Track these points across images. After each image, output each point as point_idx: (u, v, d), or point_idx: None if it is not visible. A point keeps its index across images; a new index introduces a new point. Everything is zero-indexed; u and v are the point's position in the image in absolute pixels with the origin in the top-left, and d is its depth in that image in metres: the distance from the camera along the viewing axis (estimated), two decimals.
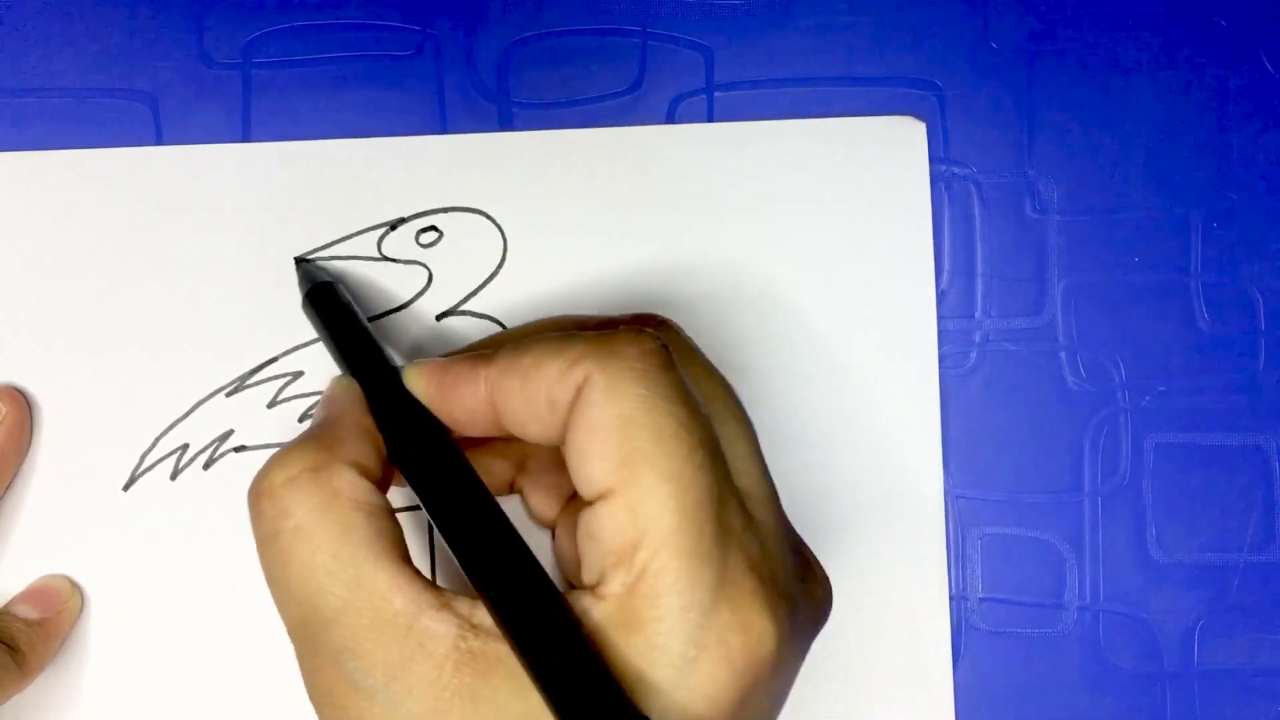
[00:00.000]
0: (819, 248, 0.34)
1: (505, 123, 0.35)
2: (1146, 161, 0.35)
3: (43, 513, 0.34)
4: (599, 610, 0.24)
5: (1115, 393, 0.35)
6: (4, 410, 0.33)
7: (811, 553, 0.28)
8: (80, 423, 0.34)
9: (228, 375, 0.34)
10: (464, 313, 0.34)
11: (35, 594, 0.33)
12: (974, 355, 0.34)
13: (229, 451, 0.34)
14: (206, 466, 0.34)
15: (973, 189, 0.35)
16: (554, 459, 0.30)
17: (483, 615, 0.24)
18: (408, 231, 0.34)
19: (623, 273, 0.34)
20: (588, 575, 0.25)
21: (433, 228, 0.34)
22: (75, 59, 0.35)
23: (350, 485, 0.25)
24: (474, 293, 0.34)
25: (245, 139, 0.34)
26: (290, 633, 0.25)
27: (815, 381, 0.34)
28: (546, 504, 0.31)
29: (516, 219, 0.34)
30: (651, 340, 0.25)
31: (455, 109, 0.35)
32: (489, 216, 0.34)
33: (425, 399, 0.27)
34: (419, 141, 0.34)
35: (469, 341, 0.34)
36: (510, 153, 0.34)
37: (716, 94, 0.35)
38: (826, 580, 0.28)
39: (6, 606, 0.33)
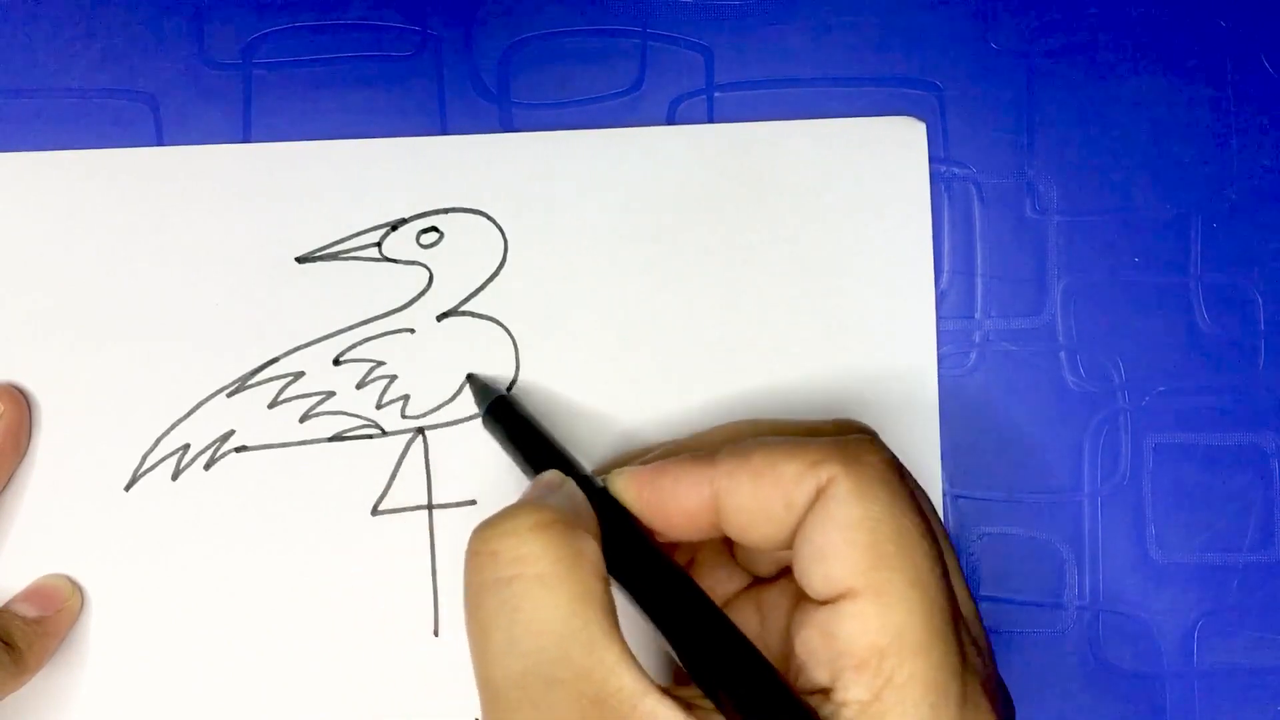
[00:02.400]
0: (819, 248, 0.34)
1: (505, 123, 0.35)
2: (1146, 161, 0.35)
3: (44, 512, 0.34)
4: (842, 716, 0.23)
5: (1115, 393, 0.35)
6: (2, 408, 0.33)
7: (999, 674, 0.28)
8: (81, 423, 0.34)
9: (228, 375, 0.34)
10: (465, 313, 0.34)
11: (35, 593, 0.33)
12: (974, 355, 0.35)
13: (230, 452, 0.34)
14: (208, 467, 0.34)
15: (973, 189, 0.35)
16: (723, 553, 0.30)
17: (708, 716, 0.23)
18: (408, 232, 0.34)
19: (623, 273, 0.34)
20: (818, 675, 0.24)
21: (433, 228, 0.34)
22: (75, 59, 0.35)
23: (593, 552, 0.24)
24: (475, 293, 0.34)
25: (245, 139, 0.34)
26: (493, 683, 0.23)
27: (815, 381, 0.34)
28: (715, 597, 0.30)
29: (516, 219, 0.34)
30: (886, 450, 0.25)
31: (455, 109, 0.35)
32: (489, 217, 0.34)
33: (636, 503, 0.27)
34: (419, 142, 0.34)
35: (471, 342, 0.34)
36: (510, 153, 0.34)
37: (716, 94, 0.35)
38: (1011, 701, 0.27)
39: (6, 605, 0.33)
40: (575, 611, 0.23)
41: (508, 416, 0.32)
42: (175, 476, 0.34)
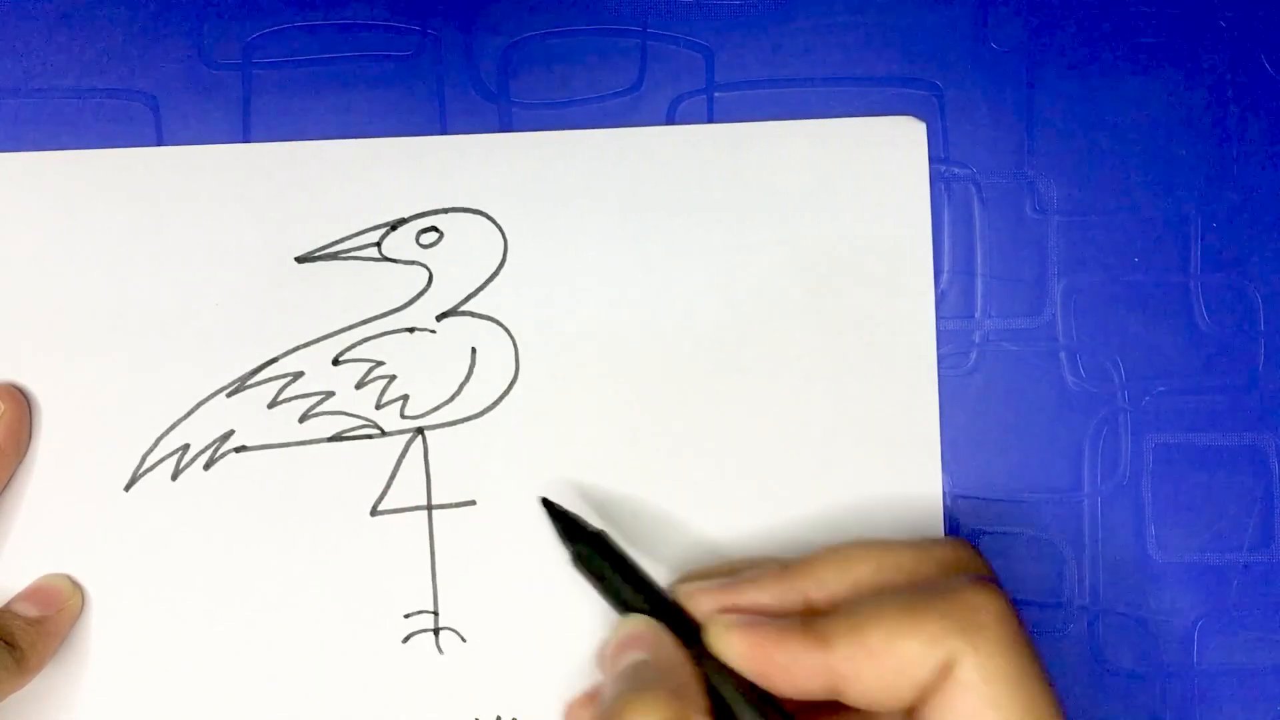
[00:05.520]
0: (819, 248, 0.34)
1: (505, 123, 0.35)
2: (1146, 161, 0.35)
3: (44, 512, 0.34)
4: None
5: (1115, 393, 0.35)
6: (2, 407, 0.33)
7: None
8: (81, 423, 0.34)
9: (228, 375, 0.34)
10: (465, 313, 0.34)
11: (36, 592, 0.33)
12: (974, 355, 0.35)
13: (230, 452, 0.34)
14: (207, 467, 0.34)
15: (973, 189, 0.35)
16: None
17: None
18: (408, 232, 0.34)
19: (623, 273, 0.34)
20: None
21: (433, 228, 0.34)
22: (75, 59, 0.35)
23: None
24: (474, 293, 0.34)
25: (245, 139, 0.34)
26: None
27: (815, 382, 0.34)
28: None
29: (516, 219, 0.34)
30: (1000, 600, 0.25)
31: (455, 109, 0.35)
32: (489, 216, 0.34)
33: (741, 663, 0.26)
34: (419, 142, 0.34)
35: (470, 342, 0.34)
36: (510, 153, 0.34)
37: (716, 94, 0.35)
38: None
39: (7, 605, 0.33)
40: None
41: (604, 555, 0.30)
42: (175, 476, 0.34)
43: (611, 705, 0.25)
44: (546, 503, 0.31)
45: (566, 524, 0.31)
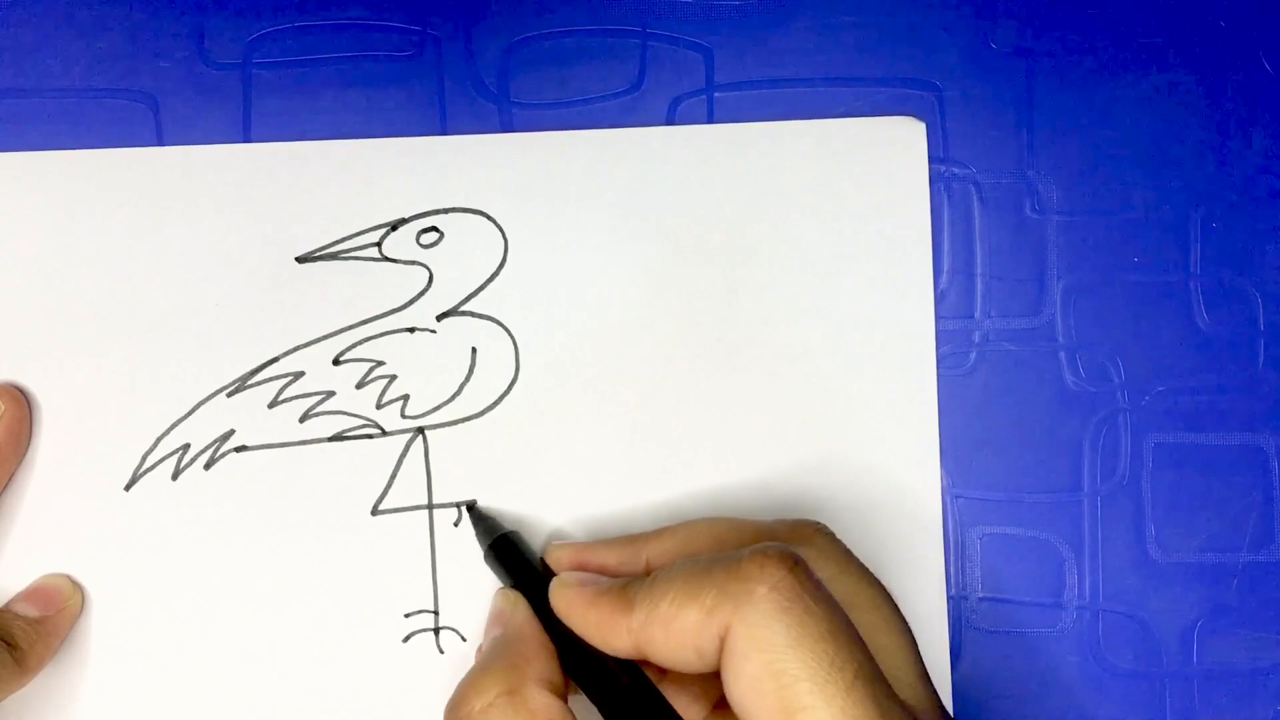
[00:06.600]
0: (819, 248, 0.34)
1: (505, 123, 0.35)
2: (1146, 161, 0.35)
3: (45, 512, 0.34)
4: None
5: (1115, 393, 0.35)
6: (3, 407, 0.33)
7: None
8: (82, 423, 0.34)
9: (228, 375, 0.34)
10: (465, 313, 0.34)
11: (36, 592, 0.33)
12: (973, 355, 0.35)
13: (230, 451, 0.34)
14: (208, 466, 0.34)
15: (973, 189, 0.35)
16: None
17: None
18: (408, 232, 0.34)
19: (623, 273, 0.34)
20: None
21: (433, 228, 0.34)
22: (75, 59, 0.35)
23: (545, 706, 0.26)
24: (475, 293, 0.34)
25: (245, 139, 0.34)
26: None
27: (814, 381, 0.34)
28: (694, 708, 0.29)
29: (516, 219, 0.34)
30: (779, 567, 0.25)
31: (455, 109, 0.35)
32: (489, 217, 0.34)
33: (566, 619, 0.28)
34: (419, 142, 0.34)
35: (471, 342, 0.34)
36: (510, 153, 0.34)
37: (716, 94, 0.35)
38: None
39: (7, 604, 0.33)
40: None
41: (510, 554, 0.31)
42: (175, 476, 0.34)
43: (457, 687, 0.27)
44: (470, 506, 0.34)
45: (485, 525, 0.33)
